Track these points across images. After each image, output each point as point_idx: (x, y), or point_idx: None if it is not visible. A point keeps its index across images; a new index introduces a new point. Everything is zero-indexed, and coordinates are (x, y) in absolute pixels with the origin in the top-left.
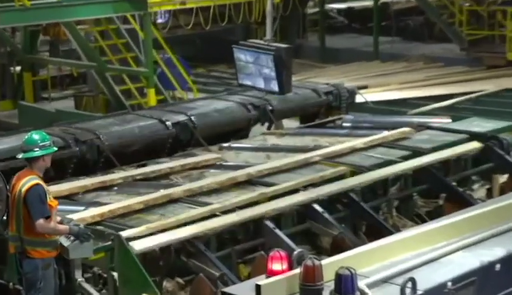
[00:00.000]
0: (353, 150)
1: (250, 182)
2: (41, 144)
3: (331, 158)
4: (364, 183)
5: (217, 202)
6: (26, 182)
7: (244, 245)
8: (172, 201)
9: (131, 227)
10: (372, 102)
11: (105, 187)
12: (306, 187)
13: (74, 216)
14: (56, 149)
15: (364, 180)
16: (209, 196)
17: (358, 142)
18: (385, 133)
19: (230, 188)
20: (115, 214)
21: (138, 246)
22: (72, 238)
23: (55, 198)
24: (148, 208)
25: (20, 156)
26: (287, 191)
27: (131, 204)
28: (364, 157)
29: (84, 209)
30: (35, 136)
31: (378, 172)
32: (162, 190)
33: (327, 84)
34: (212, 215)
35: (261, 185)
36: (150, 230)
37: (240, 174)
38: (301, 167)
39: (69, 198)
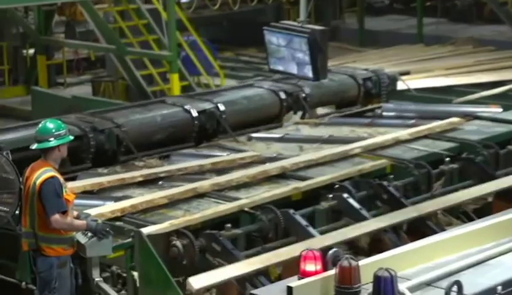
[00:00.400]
0: (397, 142)
1: (283, 175)
2: (56, 133)
3: (372, 151)
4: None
5: (246, 197)
6: (41, 174)
7: (275, 244)
8: (199, 196)
9: (154, 223)
10: (415, 89)
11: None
12: (342, 181)
13: (92, 211)
14: (72, 137)
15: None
16: (238, 191)
17: (403, 133)
18: (432, 124)
19: (261, 182)
20: (137, 209)
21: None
22: (89, 234)
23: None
24: (173, 203)
25: (34, 146)
26: (322, 186)
27: (154, 198)
28: (407, 149)
29: (104, 204)
30: (50, 124)
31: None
32: (188, 184)
33: (366, 70)
34: (241, 211)
35: (294, 179)
36: (174, 227)
37: (273, 167)
38: (339, 160)
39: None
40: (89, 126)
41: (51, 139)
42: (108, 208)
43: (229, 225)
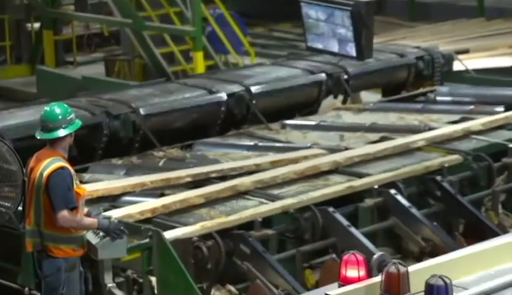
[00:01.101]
0: (467, 133)
1: (335, 171)
2: (64, 119)
3: (439, 143)
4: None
5: (292, 196)
6: (49, 164)
7: (312, 246)
8: (239, 194)
9: (185, 225)
10: (474, 70)
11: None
12: (406, 180)
13: (118, 212)
14: (80, 123)
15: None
16: (284, 189)
17: (474, 123)
18: (510, 113)
19: (311, 178)
20: (170, 209)
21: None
22: (101, 234)
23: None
24: (210, 202)
25: (40, 136)
26: (383, 184)
27: (189, 197)
28: (481, 142)
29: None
30: (57, 109)
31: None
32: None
33: (417, 48)
34: (285, 213)
35: (349, 175)
36: (206, 230)
37: (324, 161)
38: (400, 154)
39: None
40: (102, 111)
41: (60, 126)
42: (136, 207)
43: (259, 224)
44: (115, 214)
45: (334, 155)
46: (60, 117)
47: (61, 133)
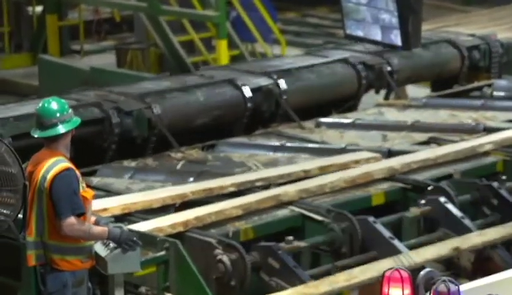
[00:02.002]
0: None
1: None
2: (62, 115)
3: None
4: None
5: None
6: (52, 166)
7: (350, 260)
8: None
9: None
10: None
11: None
12: (458, 186)
13: (146, 225)
14: (79, 119)
15: None
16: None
17: None
18: None
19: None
20: (204, 222)
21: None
22: (111, 245)
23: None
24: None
25: (36, 135)
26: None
27: (225, 209)
28: None
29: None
30: (54, 104)
31: None
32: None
33: (472, 36)
34: (305, 217)
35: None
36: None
37: (377, 168)
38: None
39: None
40: (113, 106)
41: (58, 122)
42: (167, 220)
43: (290, 236)
44: (143, 227)
45: (389, 161)
46: (58, 113)
47: (62, 129)
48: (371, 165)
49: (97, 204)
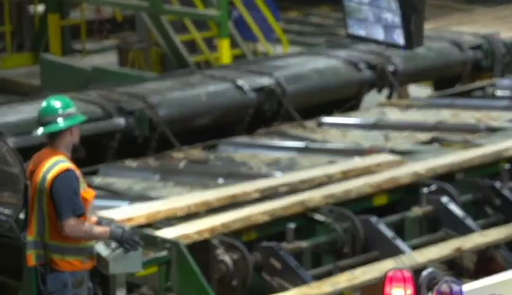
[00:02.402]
0: None
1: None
2: (64, 112)
3: None
4: None
5: None
6: (52, 165)
7: (352, 260)
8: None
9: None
10: None
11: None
12: (460, 186)
13: (173, 230)
14: (84, 117)
15: None
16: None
17: None
18: None
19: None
20: (230, 228)
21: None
22: (113, 245)
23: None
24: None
25: (39, 132)
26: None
27: (251, 215)
28: None
29: None
30: (56, 102)
31: None
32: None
33: (474, 35)
34: (306, 217)
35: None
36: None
37: (404, 172)
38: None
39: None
40: (115, 106)
41: (59, 119)
42: (193, 226)
43: (291, 235)
44: (169, 233)
45: (413, 166)
46: (60, 110)
47: (62, 124)
48: (396, 170)
49: (121, 214)
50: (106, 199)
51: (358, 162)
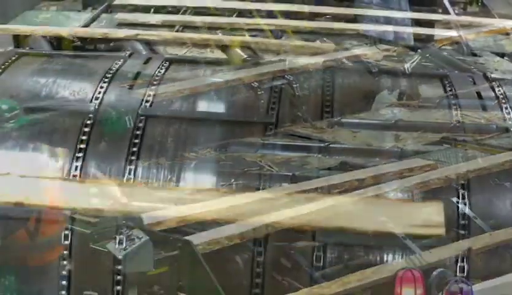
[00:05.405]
0: None
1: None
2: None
3: None
4: None
5: None
6: None
7: (362, 260)
8: None
9: None
10: None
11: None
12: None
13: (202, 235)
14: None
15: None
16: None
17: None
18: None
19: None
20: (261, 234)
21: None
22: (125, 243)
23: None
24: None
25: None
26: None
27: (282, 219)
28: None
29: None
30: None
31: None
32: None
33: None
34: None
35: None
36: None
37: (435, 177)
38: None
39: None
40: None
41: None
42: (222, 231)
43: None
44: (198, 238)
45: (445, 170)
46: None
47: None
48: (427, 174)
49: (151, 218)
50: None
51: (390, 167)
